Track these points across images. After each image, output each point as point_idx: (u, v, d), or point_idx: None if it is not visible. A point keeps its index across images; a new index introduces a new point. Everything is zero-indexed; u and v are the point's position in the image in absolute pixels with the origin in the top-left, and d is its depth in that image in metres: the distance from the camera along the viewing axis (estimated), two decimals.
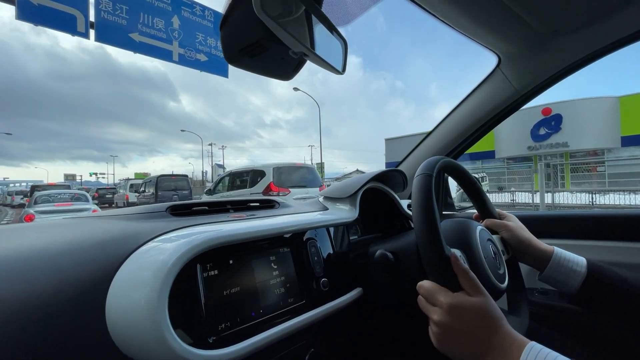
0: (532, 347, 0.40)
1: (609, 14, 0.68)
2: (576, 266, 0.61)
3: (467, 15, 0.70)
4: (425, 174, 0.54)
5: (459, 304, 0.45)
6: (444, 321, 0.45)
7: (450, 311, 0.45)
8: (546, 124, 15.33)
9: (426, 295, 0.49)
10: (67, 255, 0.44)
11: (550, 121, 15.20)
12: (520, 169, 13.57)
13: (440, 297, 0.46)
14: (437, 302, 0.46)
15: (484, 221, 0.70)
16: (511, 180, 13.04)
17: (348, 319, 0.67)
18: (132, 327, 0.37)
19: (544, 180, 8.91)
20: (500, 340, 0.42)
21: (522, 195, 10.73)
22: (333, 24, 0.55)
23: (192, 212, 0.63)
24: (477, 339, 0.43)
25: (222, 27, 0.47)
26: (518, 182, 12.53)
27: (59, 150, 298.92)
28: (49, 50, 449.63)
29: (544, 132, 15.38)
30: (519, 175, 12.81)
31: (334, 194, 0.85)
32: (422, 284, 0.50)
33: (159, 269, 0.38)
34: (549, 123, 15.24)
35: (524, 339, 0.42)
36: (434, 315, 0.46)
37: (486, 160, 17.60)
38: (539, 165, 9.57)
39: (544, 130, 15.40)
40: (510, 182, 12.85)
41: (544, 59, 0.84)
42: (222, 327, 0.44)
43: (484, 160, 17.65)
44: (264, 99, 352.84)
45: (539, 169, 9.17)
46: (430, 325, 0.48)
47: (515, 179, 12.87)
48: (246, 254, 0.51)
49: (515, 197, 10.81)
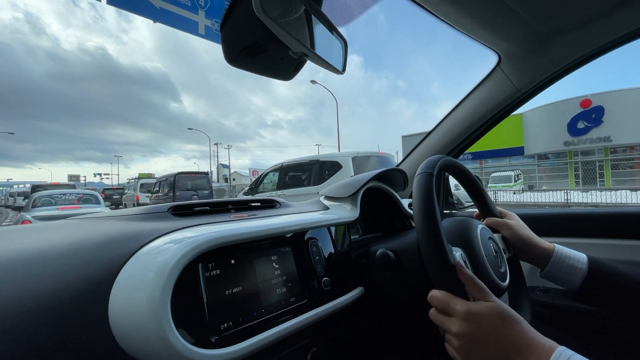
0: (562, 352, 0.38)
1: (608, 12, 0.68)
2: (577, 263, 0.61)
3: (467, 14, 0.70)
4: (426, 172, 0.55)
5: (477, 311, 0.42)
6: (465, 331, 0.42)
7: (470, 319, 0.42)
8: (585, 117, 14.15)
9: (440, 305, 0.46)
10: (70, 256, 0.44)
11: (590, 114, 14.03)
12: (556, 166, 12.61)
13: (456, 306, 0.44)
14: (453, 312, 0.44)
15: (485, 220, 0.70)
16: (541, 177, 12.28)
17: (349, 318, 0.67)
18: (135, 327, 0.37)
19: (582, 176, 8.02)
20: (526, 345, 0.40)
21: (557, 194, 10.01)
22: (333, 24, 0.55)
23: (193, 212, 0.63)
24: (502, 345, 0.41)
25: (222, 28, 0.47)
26: (551, 180, 11.74)
27: (62, 151, 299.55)
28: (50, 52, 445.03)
29: (583, 126, 14.22)
30: (554, 172, 11.96)
31: (335, 194, 0.85)
32: (434, 294, 0.47)
33: (161, 269, 0.38)
34: (588, 116, 14.06)
35: (553, 343, 0.40)
36: (453, 327, 0.44)
37: (514, 157, 16.50)
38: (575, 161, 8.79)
39: (582, 124, 14.24)
40: (541, 181, 12.10)
41: (544, 57, 0.83)
42: (224, 326, 0.44)
43: (512, 157, 16.55)
44: (265, 99, 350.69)
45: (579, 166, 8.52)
46: (448, 339, 0.46)
47: (547, 177, 12.11)
48: (248, 254, 0.52)
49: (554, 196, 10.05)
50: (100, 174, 57.18)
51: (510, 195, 11.83)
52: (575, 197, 9.07)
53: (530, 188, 11.55)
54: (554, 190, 10.41)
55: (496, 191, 11.86)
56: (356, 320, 0.70)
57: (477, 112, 1.02)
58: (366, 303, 0.68)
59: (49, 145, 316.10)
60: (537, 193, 10.75)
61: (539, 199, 10.38)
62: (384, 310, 0.73)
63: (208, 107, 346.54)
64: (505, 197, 11.67)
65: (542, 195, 10.41)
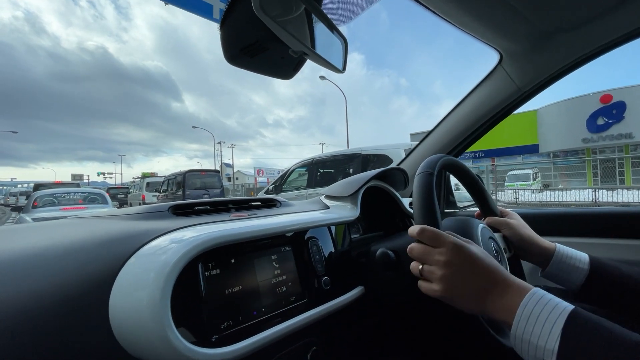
0: (536, 292, 0.41)
1: (611, 10, 0.67)
2: (579, 263, 0.60)
3: (468, 12, 0.70)
4: (427, 172, 0.54)
5: (462, 245, 0.46)
6: (452, 259, 0.45)
7: (457, 250, 0.45)
8: (606, 113, 13.44)
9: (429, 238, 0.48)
10: (71, 255, 0.44)
11: (610, 110, 13.33)
12: (573, 164, 11.97)
13: (447, 238, 0.47)
14: (443, 243, 0.47)
15: (485, 219, 0.70)
16: (556, 176, 11.59)
17: (350, 318, 0.67)
18: (136, 326, 0.37)
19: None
20: (502, 279, 0.43)
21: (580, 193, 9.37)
22: (333, 23, 0.55)
23: (193, 211, 0.63)
24: (481, 277, 0.44)
25: (222, 27, 0.47)
26: (567, 179, 11.17)
27: (65, 151, 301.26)
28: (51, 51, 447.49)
29: (603, 122, 13.54)
30: (570, 171, 11.35)
31: (336, 193, 0.85)
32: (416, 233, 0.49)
33: (161, 269, 0.38)
34: (609, 112, 13.35)
35: (528, 285, 0.42)
36: (440, 256, 0.46)
37: (527, 156, 15.90)
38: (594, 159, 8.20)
39: (602, 120, 13.55)
40: (557, 179, 11.61)
41: (546, 56, 0.83)
42: (225, 325, 0.44)
43: (525, 155, 15.94)
44: (266, 97, 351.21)
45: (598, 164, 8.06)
46: (427, 271, 0.48)
47: (563, 175, 11.41)
48: (248, 253, 0.52)
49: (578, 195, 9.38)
50: (104, 173, 57.23)
51: (529, 194, 11.23)
52: (600, 196, 8.47)
53: (546, 187, 10.99)
54: (576, 189, 9.83)
55: (516, 190, 11.24)
56: (356, 320, 0.70)
57: (478, 111, 1.02)
58: (366, 302, 0.68)
59: (52, 144, 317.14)
60: (559, 192, 10.15)
61: (562, 198, 9.88)
62: (384, 310, 0.73)
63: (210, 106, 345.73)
64: (526, 196, 11.08)
65: (564, 195, 9.90)
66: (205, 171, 11.08)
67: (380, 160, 4.43)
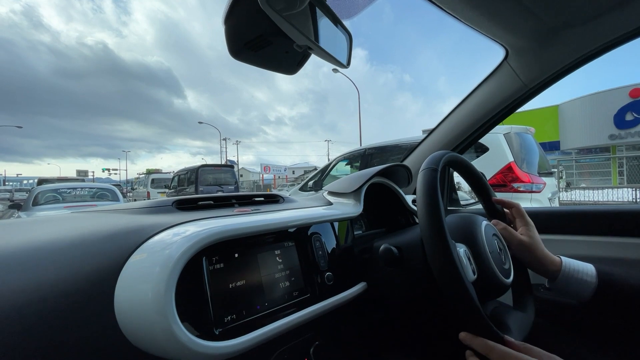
0: None
1: (619, 5, 0.66)
2: (586, 276, 0.60)
3: (474, 7, 0.69)
4: (430, 168, 0.54)
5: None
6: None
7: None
8: (635, 108, 12.60)
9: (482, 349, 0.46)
10: (76, 248, 0.45)
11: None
12: (598, 161, 11.25)
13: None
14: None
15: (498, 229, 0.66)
16: (580, 175, 10.94)
17: (352, 313, 0.67)
18: (141, 319, 0.37)
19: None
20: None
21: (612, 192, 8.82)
22: (337, 17, 0.54)
23: (197, 206, 0.63)
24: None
25: (226, 20, 0.47)
26: (591, 177, 10.46)
27: (70, 147, 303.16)
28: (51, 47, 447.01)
29: (632, 118, 12.65)
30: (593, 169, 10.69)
31: (339, 189, 0.85)
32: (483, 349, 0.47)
33: (166, 262, 0.39)
34: (639, 107, 12.54)
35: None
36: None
37: (548, 153, 14.41)
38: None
39: (632, 116, 12.67)
40: (579, 178, 10.91)
41: (553, 52, 0.82)
42: (228, 319, 0.44)
43: (546, 152, 15.42)
44: (268, 94, 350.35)
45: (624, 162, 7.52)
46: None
47: (586, 174, 10.84)
48: (251, 248, 0.52)
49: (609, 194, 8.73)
50: (109, 169, 57.21)
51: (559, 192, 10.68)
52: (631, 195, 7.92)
53: (568, 185, 10.09)
54: (604, 187, 9.26)
55: None
56: (359, 315, 0.70)
57: (483, 107, 1.01)
58: (369, 298, 0.68)
59: (57, 140, 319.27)
60: (588, 191, 9.42)
61: (593, 197, 9.18)
62: (387, 306, 0.73)
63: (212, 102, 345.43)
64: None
65: (594, 194, 9.18)
66: (219, 166, 10.50)
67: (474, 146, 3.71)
